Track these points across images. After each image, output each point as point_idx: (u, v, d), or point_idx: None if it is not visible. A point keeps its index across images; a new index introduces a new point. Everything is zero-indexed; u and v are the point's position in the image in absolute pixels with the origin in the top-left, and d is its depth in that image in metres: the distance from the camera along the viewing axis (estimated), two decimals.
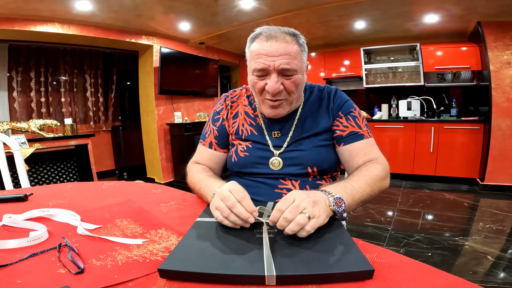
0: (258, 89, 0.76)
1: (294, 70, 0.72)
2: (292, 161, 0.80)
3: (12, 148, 1.31)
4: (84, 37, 3.02)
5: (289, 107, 0.79)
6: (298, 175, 0.80)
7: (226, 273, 0.42)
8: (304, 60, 0.76)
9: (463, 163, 3.34)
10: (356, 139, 0.80)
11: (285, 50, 0.70)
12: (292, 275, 0.41)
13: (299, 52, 0.73)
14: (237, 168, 0.86)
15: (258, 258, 0.45)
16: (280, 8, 2.84)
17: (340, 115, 0.83)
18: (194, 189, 0.82)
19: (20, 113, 3.44)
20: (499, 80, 2.99)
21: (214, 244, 0.51)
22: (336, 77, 4.34)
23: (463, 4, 2.71)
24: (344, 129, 0.82)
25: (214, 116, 0.93)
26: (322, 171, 0.81)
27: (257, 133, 0.85)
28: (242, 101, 0.91)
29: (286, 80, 0.73)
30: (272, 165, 0.81)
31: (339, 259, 0.44)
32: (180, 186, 3.63)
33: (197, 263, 0.44)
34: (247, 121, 0.87)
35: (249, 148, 0.84)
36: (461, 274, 1.59)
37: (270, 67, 0.71)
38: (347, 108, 0.84)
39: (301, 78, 0.76)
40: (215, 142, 0.91)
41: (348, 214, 2.58)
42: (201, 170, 0.85)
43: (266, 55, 0.71)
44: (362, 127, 0.82)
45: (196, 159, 0.93)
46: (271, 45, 0.70)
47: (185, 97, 4.11)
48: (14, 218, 0.66)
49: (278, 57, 0.70)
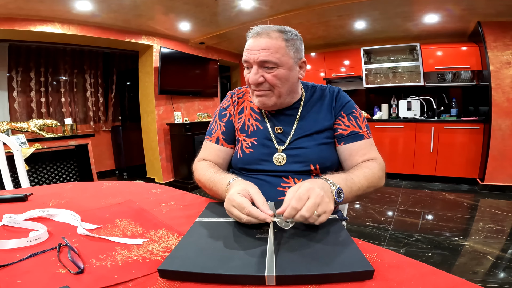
0: (247, 81, 0.82)
1: (274, 63, 0.76)
2: (295, 158, 0.82)
3: (12, 148, 1.31)
4: (84, 37, 3.02)
5: (277, 99, 0.82)
6: (300, 172, 0.81)
7: (226, 273, 0.42)
8: (292, 56, 0.79)
9: (463, 163, 3.34)
10: (356, 139, 0.83)
11: (265, 45, 0.75)
12: (292, 275, 0.41)
13: (284, 48, 0.77)
14: (241, 165, 0.86)
15: (258, 259, 0.45)
16: (280, 8, 2.84)
17: (342, 115, 0.86)
18: (205, 188, 0.82)
19: (20, 113, 3.44)
20: (499, 80, 2.99)
21: (214, 244, 0.51)
22: (336, 77, 4.34)
23: (463, 4, 2.71)
24: (346, 128, 0.84)
25: (220, 113, 0.94)
26: (324, 168, 0.82)
27: (262, 127, 0.87)
28: (247, 98, 0.94)
29: (267, 73, 0.77)
30: (276, 160, 0.83)
31: (339, 259, 0.44)
32: (180, 186, 3.63)
33: (197, 263, 0.44)
34: (252, 116, 0.90)
35: (254, 144, 0.86)
36: (461, 274, 1.59)
37: (250, 60, 0.77)
38: (349, 108, 0.87)
39: (286, 73, 0.78)
40: (222, 138, 0.91)
41: (348, 214, 2.58)
42: (208, 167, 0.85)
43: (250, 49, 0.77)
44: (363, 128, 0.85)
45: (202, 156, 0.92)
46: (255, 41, 0.77)
47: (185, 97, 4.11)
48: (14, 218, 0.66)
49: (258, 51, 0.76)
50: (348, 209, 1.17)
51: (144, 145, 4.01)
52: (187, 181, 3.68)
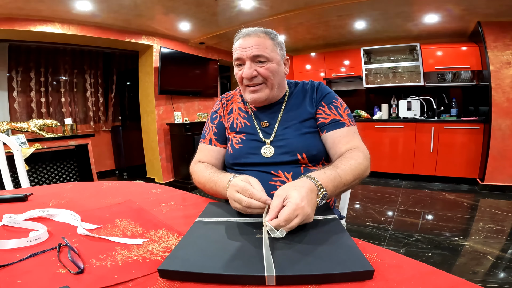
0: (239, 78, 0.88)
1: (265, 57, 0.83)
2: (281, 149, 0.86)
3: (12, 148, 1.31)
4: (84, 37, 3.02)
5: (269, 91, 0.87)
6: (288, 162, 0.85)
7: (226, 273, 0.42)
8: (279, 53, 0.87)
9: (463, 163, 3.34)
10: (337, 126, 0.86)
11: (256, 42, 0.83)
12: (292, 275, 0.41)
13: (271, 45, 0.85)
14: (232, 160, 0.91)
15: (258, 259, 0.45)
16: (280, 8, 2.84)
17: (323, 104, 0.90)
18: (205, 188, 0.85)
19: (20, 113, 3.44)
20: (499, 80, 2.99)
21: (214, 244, 0.51)
22: (336, 77, 4.33)
23: (463, 4, 2.71)
24: (327, 117, 0.88)
25: (212, 116, 1.01)
26: (312, 157, 0.85)
27: (249, 123, 0.93)
28: (236, 99, 1.01)
29: (260, 67, 0.84)
30: (264, 153, 0.87)
31: (339, 259, 0.44)
32: (180, 186, 3.63)
33: (197, 263, 0.44)
34: (240, 115, 0.96)
35: (243, 140, 0.91)
36: (461, 274, 1.59)
37: (244, 56, 0.84)
38: (329, 98, 0.91)
39: (276, 67, 0.86)
40: (214, 138, 0.97)
41: (348, 214, 2.58)
42: (206, 168, 0.89)
43: (242, 47, 0.84)
44: (344, 116, 0.88)
45: (198, 158, 0.97)
46: (245, 40, 0.85)
47: (185, 97, 4.11)
48: (14, 218, 0.66)
49: (250, 48, 0.83)
50: (348, 209, 1.17)
51: (144, 145, 4.01)
52: (187, 181, 3.68)
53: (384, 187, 3.39)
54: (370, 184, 3.48)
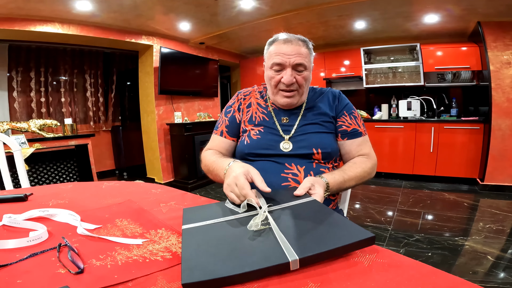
0: (275, 82, 0.92)
1: (304, 66, 0.89)
2: (299, 143, 0.92)
3: (12, 148, 1.31)
4: (84, 37, 3.02)
5: (299, 98, 0.94)
6: (303, 156, 0.90)
7: (253, 270, 0.41)
8: (311, 61, 0.94)
9: (463, 163, 3.34)
10: (356, 136, 0.97)
11: (298, 51, 0.88)
12: (313, 255, 0.43)
13: (308, 54, 0.91)
14: (248, 150, 0.94)
15: (272, 248, 0.46)
16: (280, 8, 2.84)
17: (345, 114, 0.98)
18: (209, 171, 0.91)
19: (20, 113, 3.44)
20: (499, 80, 2.99)
21: (219, 246, 0.49)
22: (336, 77, 4.33)
23: (463, 4, 2.71)
24: (349, 125, 0.97)
25: (226, 109, 1.06)
26: (326, 154, 0.91)
27: (268, 118, 0.98)
28: (254, 95, 1.06)
29: (298, 75, 0.90)
30: (283, 148, 0.92)
31: (344, 233, 0.49)
32: (180, 186, 3.63)
33: (218, 268, 0.42)
34: (259, 110, 1.01)
35: (261, 132, 0.96)
36: (461, 274, 1.59)
37: (286, 63, 0.88)
38: (350, 108, 1.00)
39: (309, 75, 0.93)
40: (225, 131, 1.03)
41: (348, 214, 2.58)
42: (213, 153, 0.97)
43: (284, 54, 0.88)
44: (361, 126, 0.99)
45: (208, 146, 1.04)
46: (287, 47, 0.88)
47: (185, 97, 4.11)
48: (14, 218, 0.66)
49: (293, 56, 0.88)
50: (348, 209, 1.17)
51: (144, 145, 4.01)
52: (187, 181, 3.68)
53: (384, 187, 3.39)
54: (370, 184, 3.48)
